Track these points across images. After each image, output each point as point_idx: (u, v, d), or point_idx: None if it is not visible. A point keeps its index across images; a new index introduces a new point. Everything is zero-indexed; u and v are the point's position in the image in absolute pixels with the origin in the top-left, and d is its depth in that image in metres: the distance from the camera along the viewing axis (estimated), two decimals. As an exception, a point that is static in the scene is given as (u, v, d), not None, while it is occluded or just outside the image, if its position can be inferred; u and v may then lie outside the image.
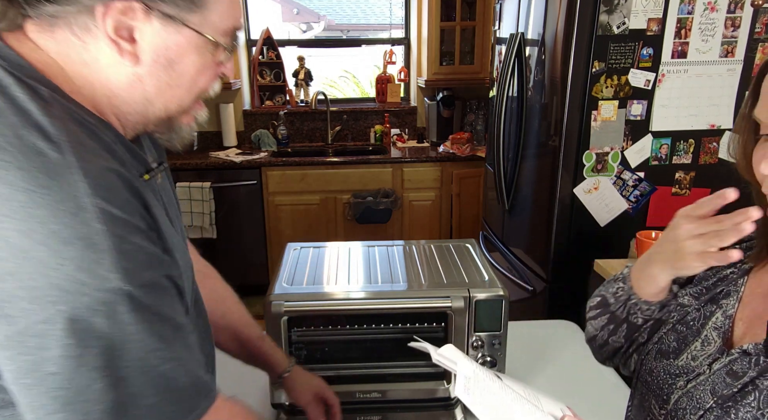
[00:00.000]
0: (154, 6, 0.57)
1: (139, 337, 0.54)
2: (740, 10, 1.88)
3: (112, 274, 0.52)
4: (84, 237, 0.51)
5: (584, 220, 2.10)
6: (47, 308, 0.49)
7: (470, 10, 3.64)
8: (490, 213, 2.95)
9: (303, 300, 1.08)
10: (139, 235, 0.56)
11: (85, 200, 0.51)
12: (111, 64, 0.59)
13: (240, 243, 3.52)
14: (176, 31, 0.60)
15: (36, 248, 0.49)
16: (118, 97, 0.62)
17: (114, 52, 0.58)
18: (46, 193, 0.50)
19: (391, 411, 1.15)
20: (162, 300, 0.57)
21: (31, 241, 0.49)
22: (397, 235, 3.64)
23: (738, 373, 0.63)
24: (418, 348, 0.80)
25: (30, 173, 0.50)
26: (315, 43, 4.38)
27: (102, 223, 0.52)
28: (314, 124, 3.99)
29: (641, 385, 0.77)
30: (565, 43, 1.95)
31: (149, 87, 0.62)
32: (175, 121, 0.68)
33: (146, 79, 0.61)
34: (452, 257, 1.27)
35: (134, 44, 0.59)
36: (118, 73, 0.60)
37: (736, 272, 0.73)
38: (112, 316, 0.52)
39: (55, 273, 0.50)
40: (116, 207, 0.54)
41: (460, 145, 3.57)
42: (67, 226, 0.50)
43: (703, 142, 2.03)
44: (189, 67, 0.63)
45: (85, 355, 0.51)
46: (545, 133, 2.16)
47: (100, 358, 0.52)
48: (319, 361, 1.16)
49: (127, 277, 0.53)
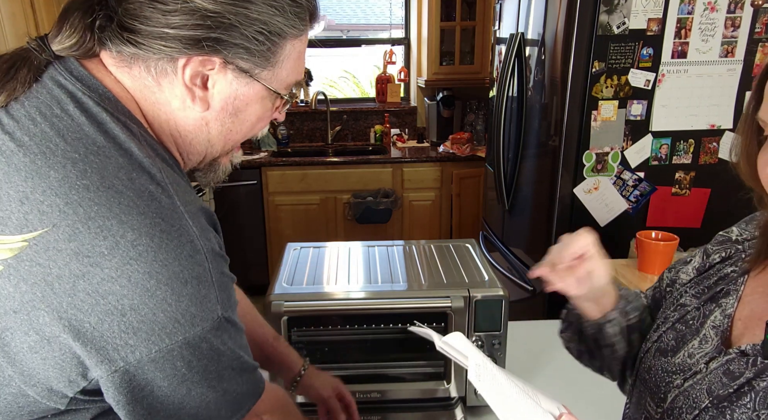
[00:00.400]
0: (232, 61, 0.60)
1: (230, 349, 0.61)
2: (740, 10, 1.88)
3: (216, 305, 0.58)
4: (198, 276, 0.56)
5: (584, 220, 2.10)
6: (165, 339, 0.54)
7: (470, 10, 3.64)
8: (490, 213, 2.95)
9: (303, 300, 1.08)
10: (226, 265, 0.62)
11: (197, 243, 0.57)
12: (181, 108, 0.63)
13: (240, 243, 3.52)
14: (246, 84, 0.63)
15: (159, 288, 0.54)
16: (184, 138, 0.65)
17: (186, 98, 0.61)
18: (167, 237, 0.54)
19: (391, 411, 1.15)
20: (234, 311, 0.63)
21: (156, 282, 0.53)
22: (397, 235, 3.64)
23: (735, 374, 0.63)
24: (419, 333, 0.79)
25: (151, 219, 0.54)
26: (315, 43, 4.37)
27: (209, 262, 0.57)
28: (314, 124, 3.99)
29: (639, 382, 0.77)
30: (565, 43, 1.95)
31: (213, 131, 0.66)
32: (218, 160, 0.72)
33: (212, 124, 0.65)
34: (452, 257, 1.27)
35: (206, 91, 0.62)
36: (187, 116, 0.63)
37: (736, 271, 0.72)
38: (216, 339, 0.59)
39: (173, 308, 0.54)
40: (214, 244, 0.59)
41: (460, 145, 3.57)
42: (185, 267, 0.55)
43: (703, 142, 2.03)
44: (251, 116, 0.67)
45: (189, 373, 0.57)
46: (545, 133, 2.16)
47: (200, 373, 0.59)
48: (319, 361, 1.16)
49: (223, 306, 0.59)
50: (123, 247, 0.52)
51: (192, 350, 0.57)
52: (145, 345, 0.54)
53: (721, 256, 0.76)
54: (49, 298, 0.52)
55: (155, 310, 0.54)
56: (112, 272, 0.52)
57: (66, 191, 0.52)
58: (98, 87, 0.59)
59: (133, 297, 0.53)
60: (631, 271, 1.80)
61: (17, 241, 0.52)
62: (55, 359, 0.54)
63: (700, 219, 2.10)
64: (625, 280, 1.75)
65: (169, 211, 0.56)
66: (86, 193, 0.53)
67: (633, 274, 1.78)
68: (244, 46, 0.60)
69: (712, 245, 0.79)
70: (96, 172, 0.54)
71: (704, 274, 0.77)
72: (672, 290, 0.81)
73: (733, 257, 0.74)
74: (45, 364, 0.54)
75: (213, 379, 0.61)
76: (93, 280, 0.52)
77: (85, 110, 0.57)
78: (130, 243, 0.53)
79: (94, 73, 0.59)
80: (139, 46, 0.57)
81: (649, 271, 1.77)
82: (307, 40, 0.68)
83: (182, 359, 0.56)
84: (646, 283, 1.72)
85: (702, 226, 2.10)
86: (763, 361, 0.61)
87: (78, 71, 0.59)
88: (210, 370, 0.59)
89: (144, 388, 0.56)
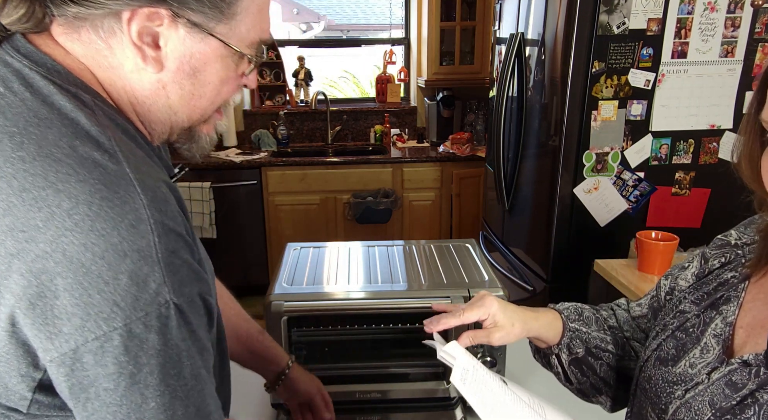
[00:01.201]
0: (181, 14, 0.57)
1: (189, 354, 0.54)
2: (740, 10, 1.88)
3: (162, 288, 0.51)
4: (140, 249, 0.50)
5: (584, 220, 2.10)
6: (102, 325, 0.49)
7: (470, 10, 3.64)
8: (490, 213, 2.95)
9: (303, 300, 1.08)
10: (186, 249, 0.55)
11: (143, 212, 0.51)
12: (135, 70, 0.59)
13: (240, 243, 3.52)
14: (202, 40, 0.59)
15: (95, 262, 0.49)
16: (142, 105, 0.61)
17: (138, 58, 0.58)
18: (109, 206, 0.50)
19: (391, 411, 1.15)
20: (196, 319, 0.56)
21: (91, 255, 0.49)
22: (397, 235, 3.64)
23: (737, 385, 0.61)
24: (430, 346, 0.80)
25: (92, 186, 0.50)
26: (315, 43, 4.38)
27: (157, 235, 0.51)
28: (314, 124, 3.99)
29: (640, 392, 0.76)
30: (565, 43, 1.95)
31: (172, 95, 0.61)
32: (196, 130, 0.68)
33: (169, 87, 0.61)
34: (452, 257, 1.27)
35: (158, 51, 0.58)
36: (142, 79, 0.60)
37: (737, 277, 0.71)
38: (165, 332, 0.52)
39: (111, 288, 0.49)
40: (169, 219, 0.53)
41: (460, 145, 3.57)
42: (125, 238, 0.50)
43: (703, 142, 2.03)
44: (213, 77, 0.62)
45: (138, 373, 0.51)
46: (545, 133, 2.16)
47: (154, 376, 0.51)
48: (319, 361, 1.16)
49: (174, 290, 0.52)
50: (59, 217, 0.48)
51: (137, 342, 0.50)
52: (79, 333, 0.48)
53: (721, 261, 0.75)
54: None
55: (90, 290, 0.48)
56: (47, 247, 0.48)
57: (0, 165, 0.49)
58: (46, 61, 0.56)
59: (67, 275, 0.48)
60: (631, 271, 1.80)
61: None
62: (3, 349, 0.50)
63: (700, 219, 2.11)
64: (625, 280, 1.75)
65: (115, 178, 0.51)
66: (21, 165, 0.49)
67: (633, 274, 1.78)
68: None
69: (711, 249, 0.77)
70: (34, 142, 0.50)
71: (703, 279, 0.75)
72: (671, 297, 0.80)
73: (733, 262, 0.73)
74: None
75: (173, 389, 0.53)
76: (27, 258, 0.48)
77: (30, 86, 0.54)
78: (66, 212, 0.48)
79: (42, 48, 0.56)
80: (80, 3, 0.54)
81: (649, 271, 1.77)
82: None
83: (126, 353, 0.49)
84: (646, 283, 1.72)
85: (702, 226, 2.10)
86: (766, 372, 0.59)
87: (25, 48, 0.56)
88: (166, 374, 0.52)
89: (87, 389, 0.50)
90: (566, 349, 0.83)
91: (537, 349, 0.88)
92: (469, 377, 0.67)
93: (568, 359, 0.83)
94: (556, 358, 0.84)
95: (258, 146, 3.79)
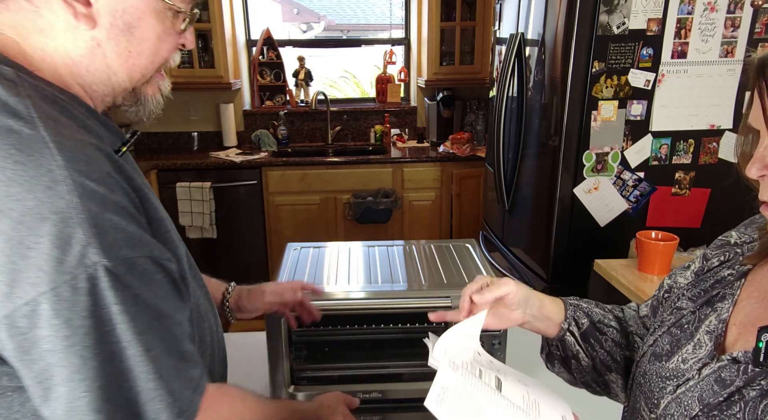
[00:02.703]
0: None
1: (128, 319, 0.53)
2: (740, 10, 1.88)
3: (88, 249, 0.50)
4: (59, 211, 0.49)
5: (584, 220, 2.10)
6: (29, 290, 0.49)
7: (470, 10, 3.64)
8: (490, 213, 2.95)
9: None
10: (119, 211, 0.54)
11: (59, 173, 0.50)
12: (67, 30, 0.58)
13: (240, 243, 3.52)
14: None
15: (14, 228, 0.48)
16: (78, 66, 0.60)
17: (69, 16, 0.57)
18: (21, 169, 0.49)
19: (391, 411, 1.15)
20: (142, 283, 0.55)
21: (9, 221, 0.48)
22: (397, 235, 3.64)
23: (726, 381, 0.62)
24: (427, 345, 0.79)
25: (3, 151, 0.49)
26: (315, 43, 4.38)
27: (77, 196, 0.50)
28: (314, 124, 3.99)
29: (635, 387, 0.76)
30: (565, 43, 1.95)
31: (109, 53, 0.60)
32: (140, 92, 0.67)
33: (105, 44, 0.60)
34: (452, 257, 1.27)
35: (89, 7, 0.57)
36: (76, 38, 0.58)
37: (733, 274, 0.71)
38: (94, 293, 0.51)
39: (33, 252, 0.48)
40: (93, 181, 0.52)
41: (460, 145, 3.57)
42: (42, 201, 0.49)
43: (703, 142, 2.03)
44: (149, 33, 0.61)
45: (74, 335, 0.51)
46: (545, 133, 2.16)
47: (90, 337, 0.51)
48: (319, 361, 1.16)
49: (103, 252, 0.51)
50: None
51: (67, 305, 0.50)
52: (9, 299, 0.49)
53: (720, 259, 0.75)
54: None
55: (13, 256, 0.48)
56: None
57: None
58: None
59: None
60: (630, 271, 1.80)
61: None
62: None
63: (700, 219, 2.11)
64: (625, 280, 1.75)
65: (28, 142, 0.50)
66: None
67: (633, 274, 1.78)
68: None
69: (711, 250, 0.78)
70: None
71: (702, 277, 0.76)
72: (670, 295, 0.81)
73: (731, 260, 0.74)
74: None
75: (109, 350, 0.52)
76: None
77: None
78: None
79: None
80: None
81: (649, 271, 1.77)
82: None
83: (57, 316, 0.49)
84: (645, 283, 1.72)
85: (702, 226, 2.10)
86: (754, 369, 0.60)
87: None
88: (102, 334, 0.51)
89: (30, 351, 0.51)
90: (573, 321, 0.85)
91: (548, 346, 0.88)
92: (449, 397, 0.64)
93: (579, 333, 0.85)
94: (570, 334, 0.84)
95: (258, 146, 3.79)
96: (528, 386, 0.73)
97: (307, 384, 1.14)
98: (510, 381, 0.72)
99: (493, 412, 0.64)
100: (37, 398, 0.53)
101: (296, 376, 1.14)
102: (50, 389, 0.52)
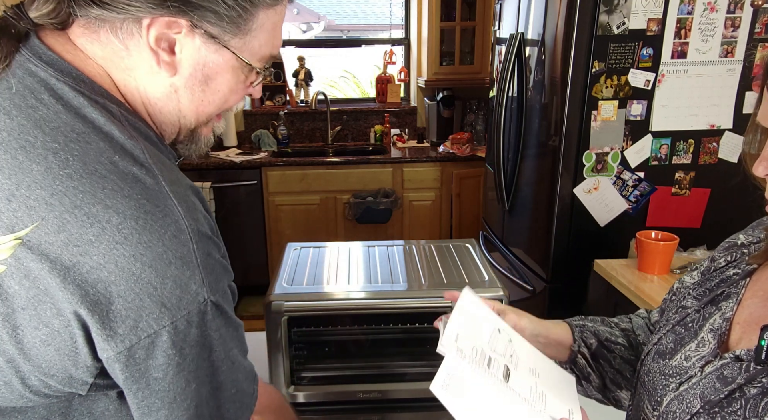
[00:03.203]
0: (199, 25, 0.59)
1: (222, 340, 0.61)
2: (740, 10, 1.88)
3: (202, 288, 0.57)
4: (181, 256, 0.56)
5: (584, 220, 2.10)
6: (152, 325, 0.55)
7: (470, 10, 3.64)
8: (490, 213, 2.95)
9: (303, 300, 1.08)
10: (215, 248, 0.61)
11: (182, 223, 0.56)
12: (149, 73, 0.62)
13: (240, 243, 3.52)
14: (216, 51, 0.62)
15: (144, 271, 0.54)
16: (153, 106, 0.64)
17: (153, 61, 0.60)
18: (152, 219, 0.54)
19: (391, 411, 1.16)
20: (228, 305, 0.63)
21: (141, 265, 0.53)
22: (397, 235, 3.64)
23: (728, 379, 0.62)
24: (438, 329, 0.77)
25: (135, 201, 0.54)
26: (315, 43, 4.38)
27: (194, 242, 0.57)
28: (314, 124, 3.99)
29: (639, 385, 0.77)
30: (565, 43, 1.95)
31: (183, 99, 0.65)
32: (198, 132, 0.71)
33: (181, 91, 0.64)
34: (452, 257, 1.27)
35: (173, 56, 0.61)
36: (156, 82, 0.62)
37: (739, 274, 0.72)
38: (204, 325, 0.58)
39: (158, 292, 0.54)
40: (200, 225, 0.59)
41: (460, 145, 3.57)
42: (169, 248, 0.55)
43: (703, 142, 2.03)
44: (223, 86, 0.66)
45: (183, 362, 0.57)
46: (545, 133, 2.16)
47: (195, 362, 0.58)
48: (319, 361, 1.16)
49: (211, 289, 0.58)
50: (109, 232, 0.52)
51: (182, 336, 0.56)
52: (133, 333, 0.54)
53: (727, 260, 0.76)
54: (52, 291, 0.52)
55: (141, 295, 0.54)
56: (100, 259, 0.52)
57: (50, 183, 0.52)
58: (71, 70, 0.58)
59: (120, 283, 0.53)
60: (630, 271, 1.80)
61: (10, 240, 0.52)
62: (68, 349, 0.55)
63: (700, 219, 2.11)
64: (625, 280, 1.75)
65: (154, 192, 0.56)
66: (70, 182, 0.53)
67: (633, 274, 1.78)
68: (213, 9, 0.59)
69: (719, 252, 0.78)
70: (78, 159, 0.54)
71: (708, 276, 0.76)
72: (676, 294, 0.81)
73: (738, 260, 0.74)
74: (59, 354, 0.55)
75: (208, 371, 0.60)
76: (83, 270, 0.52)
77: (60, 97, 0.56)
78: (115, 227, 0.53)
79: (63, 55, 0.59)
80: (103, 6, 0.57)
81: (649, 271, 1.77)
82: (283, 13, 0.66)
83: (173, 346, 0.56)
84: (645, 283, 1.72)
85: (702, 226, 2.10)
86: (756, 367, 0.60)
87: (47, 56, 0.58)
88: (203, 359, 0.59)
89: (139, 380, 0.56)
90: (582, 342, 0.86)
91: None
92: (454, 382, 0.64)
93: (589, 354, 0.86)
94: (581, 356, 0.86)
95: (258, 146, 3.79)
96: (539, 377, 0.73)
97: (307, 384, 1.14)
98: (520, 370, 0.72)
99: (496, 401, 0.65)
100: (136, 418, 0.59)
101: (296, 376, 1.14)
102: (152, 413, 0.58)
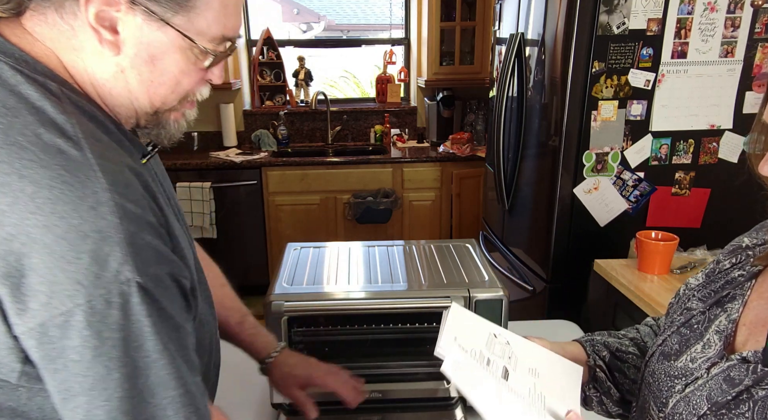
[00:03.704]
0: (138, 1, 0.58)
1: (156, 334, 0.57)
2: (740, 10, 1.88)
3: (124, 267, 0.54)
4: (99, 230, 0.53)
5: (584, 220, 2.10)
6: (65, 302, 0.52)
7: (470, 10, 3.64)
8: (490, 213, 2.95)
9: (303, 300, 1.08)
10: (151, 231, 0.58)
11: (103, 195, 0.54)
12: (95, 53, 0.61)
13: (240, 243, 3.52)
14: (159, 29, 0.61)
15: (57, 242, 0.51)
16: (102, 87, 0.63)
17: (95, 41, 0.60)
18: (69, 189, 0.52)
19: (391, 411, 1.15)
20: (165, 297, 0.59)
21: (54, 236, 0.51)
22: (397, 235, 3.64)
23: (735, 381, 0.62)
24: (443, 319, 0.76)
25: (53, 171, 0.52)
26: (315, 43, 4.38)
27: (117, 216, 0.54)
28: (314, 124, 3.99)
29: (644, 386, 0.77)
30: (565, 43, 1.95)
31: (131, 80, 0.63)
32: (162, 117, 0.69)
33: (128, 72, 0.63)
34: (452, 257, 1.27)
35: (116, 35, 0.60)
36: (102, 63, 0.62)
37: (744, 275, 0.71)
38: (126, 308, 0.54)
39: (73, 267, 0.52)
40: (131, 202, 0.56)
41: (460, 145, 3.57)
42: (86, 219, 0.52)
43: (703, 142, 2.03)
44: (171, 67, 0.64)
45: (102, 346, 0.54)
46: (545, 133, 2.16)
47: (117, 349, 0.54)
48: (319, 361, 1.16)
49: (137, 269, 0.54)
50: (22, 201, 0.51)
51: (99, 317, 0.53)
52: (45, 309, 0.51)
53: (731, 261, 0.75)
54: None
55: (54, 269, 0.51)
56: (12, 229, 0.51)
57: None
58: (14, 51, 0.58)
59: (32, 255, 0.51)
60: (630, 271, 1.80)
61: None
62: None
63: (700, 219, 2.11)
64: (625, 280, 1.75)
65: (77, 163, 0.54)
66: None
67: (633, 274, 1.78)
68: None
69: (723, 254, 0.78)
70: (1, 131, 0.53)
71: (712, 278, 0.76)
72: (680, 296, 0.81)
73: (743, 262, 0.74)
74: None
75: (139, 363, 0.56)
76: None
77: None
78: (28, 197, 0.51)
79: (9, 38, 0.59)
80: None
81: (649, 271, 1.77)
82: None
83: (89, 327, 0.53)
84: (645, 283, 1.72)
85: (702, 226, 2.10)
86: (763, 369, 0.60)
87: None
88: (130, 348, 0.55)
89: (56, 360, 0.53)
90: (596, 356, 0.86)
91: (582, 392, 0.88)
92: (461, 368, 0.66)
93: (605, 367, 0.86)
94: (599, 370, 0.86)
95: (258, 146, 3.79)
96: (538, 377, 0.73)
97: (307, 384, 1.14)
98: (519, 371, 0.72)
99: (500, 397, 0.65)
100: (57, 403, 0.56)
101: (296, 376, 1.14)
102: (71, 398, 0.55)
